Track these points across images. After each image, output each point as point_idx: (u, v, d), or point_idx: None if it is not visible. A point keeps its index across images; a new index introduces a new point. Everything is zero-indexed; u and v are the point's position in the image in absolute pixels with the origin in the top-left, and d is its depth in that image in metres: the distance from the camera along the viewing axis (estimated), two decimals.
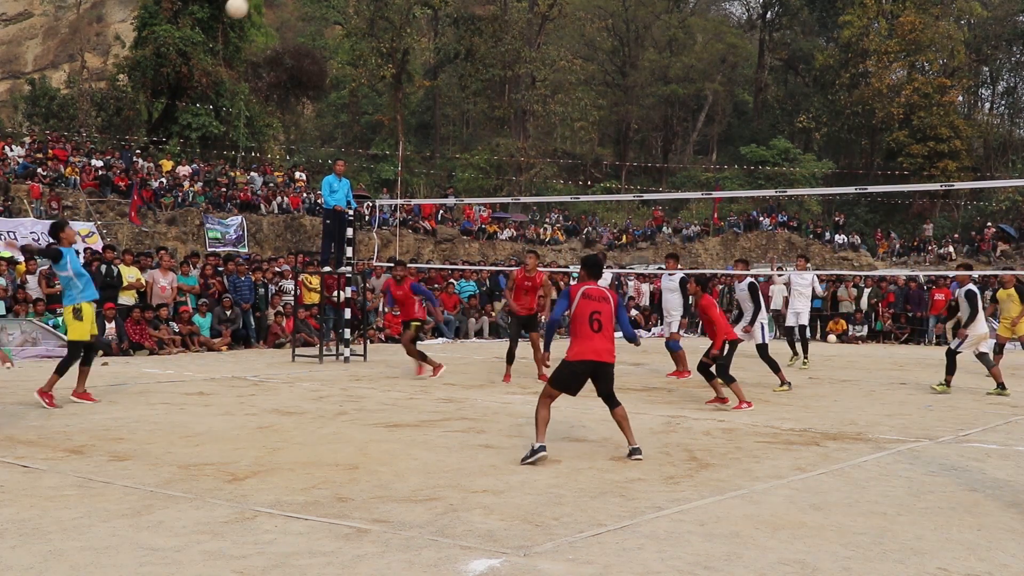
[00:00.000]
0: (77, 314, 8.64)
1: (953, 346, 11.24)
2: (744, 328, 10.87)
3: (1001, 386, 10.96)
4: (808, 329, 15.33)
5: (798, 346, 14.74)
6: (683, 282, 12.77)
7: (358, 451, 6.49)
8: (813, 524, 4.70)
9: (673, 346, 12.66)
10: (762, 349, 11.13)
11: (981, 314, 11.22)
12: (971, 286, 11.32)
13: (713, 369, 9.33)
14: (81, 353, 8.79)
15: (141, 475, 5.59)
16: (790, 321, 14.93)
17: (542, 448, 6.15)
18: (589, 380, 6.48)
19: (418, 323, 12.30)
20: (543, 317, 12.09)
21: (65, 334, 9.09)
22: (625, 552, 4.13)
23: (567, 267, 27.90)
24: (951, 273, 24.43)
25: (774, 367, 11.16)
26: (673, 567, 3.92)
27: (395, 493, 5.18)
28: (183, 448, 6.52)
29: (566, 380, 6.43)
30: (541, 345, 9.45)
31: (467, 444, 6.87)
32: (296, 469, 5.82)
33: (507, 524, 4.55)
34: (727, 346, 9.33)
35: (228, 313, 16.42)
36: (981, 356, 11.17)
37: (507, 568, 3.86)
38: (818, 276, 15.90)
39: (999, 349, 12.81)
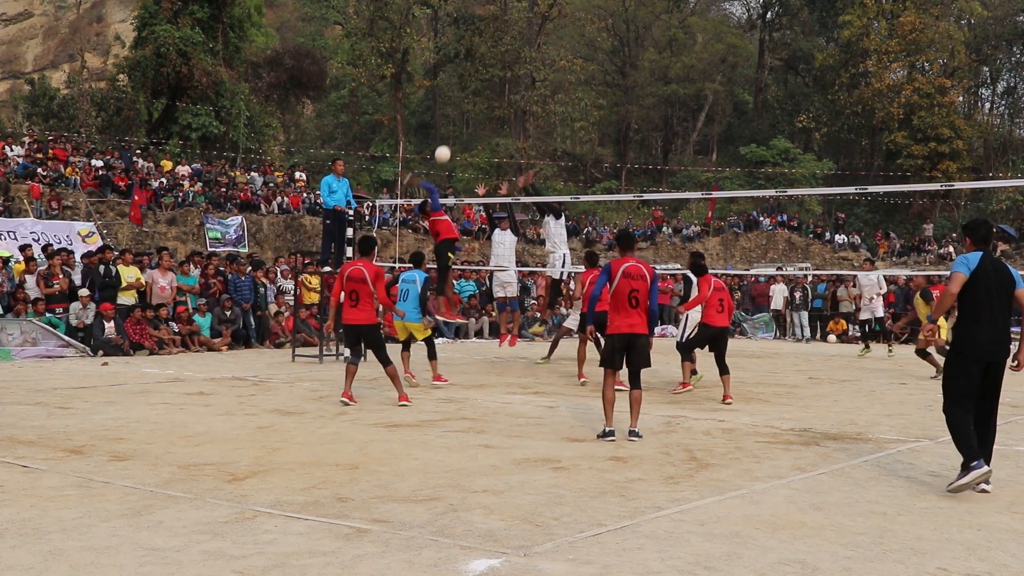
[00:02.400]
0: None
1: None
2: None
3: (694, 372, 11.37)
4: (882, 322, 17.83)
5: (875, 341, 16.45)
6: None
7: (358, 451, 6.49)
8: (813, 524, 4.70)
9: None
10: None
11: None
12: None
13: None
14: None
15: (141, 475, 5.59)
16: (864, 316, 16.98)
17: (611, 433, 7.15)
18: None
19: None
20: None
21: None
22: (625, 552, 4.13)
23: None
24: (948, 273, 24.49)
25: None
26: (673, 567, 3.92)
27: (395, 493, 5.18)
28: (183, 448, 6.52)
29: (609, 354, 7.33)
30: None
31: (467, 444, 6.87)
32: (296, 469, 5.82)
33: (507, 524, 4.55)
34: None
35: (228, 313, 16.42)
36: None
37: (507, 568, 3.86)
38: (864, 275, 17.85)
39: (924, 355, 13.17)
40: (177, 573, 3.74)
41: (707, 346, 10.39)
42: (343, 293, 9.17)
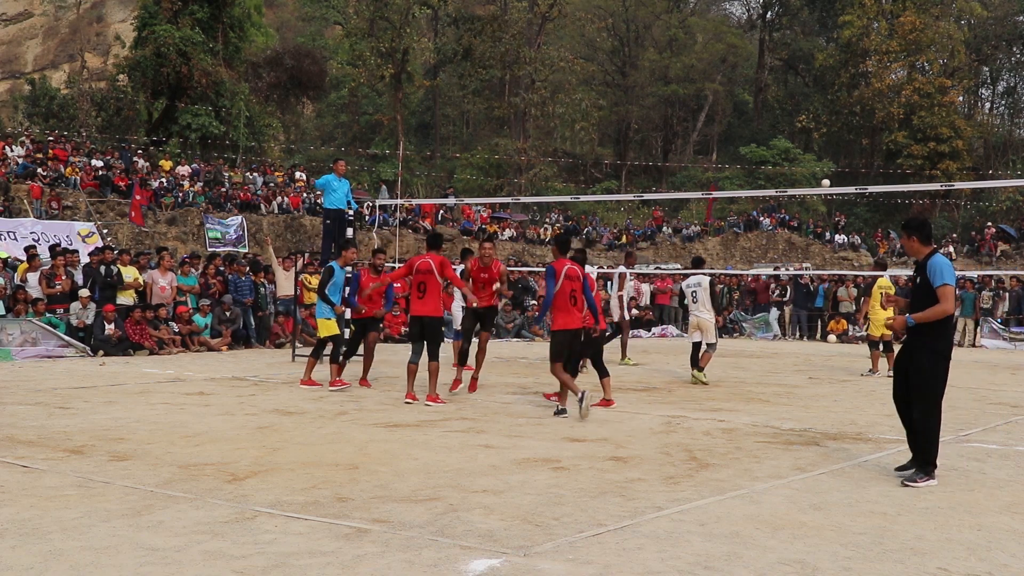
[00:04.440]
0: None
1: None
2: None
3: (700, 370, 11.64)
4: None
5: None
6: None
7: (358, 451, 6.49)
8: (813, 524, 4.70)
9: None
10: None
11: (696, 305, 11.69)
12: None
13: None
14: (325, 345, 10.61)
15: (141, 475, 5.59)
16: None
17: (564, 411, 8.38)
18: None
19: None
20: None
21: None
22: (625, 552, 4.13)
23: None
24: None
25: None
26: (673, 567, 3.92)
27: (395, 493, 5.18)
28: (183, 448, 6.52)
29: (558, 347, 8.35)
30: (488, 347, 10.65)
31: (467, 444, 6.87)
32: (296, 469, 5.82)
33: (507, 524, 4.55)
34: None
35: (228, 313, 16.42)
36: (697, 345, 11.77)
37: (507, 568, 3.86)
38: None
39: (887, 347, 13.35)
40: (177, 573, 3.74)
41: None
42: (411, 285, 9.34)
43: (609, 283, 24.63)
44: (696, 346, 11.76)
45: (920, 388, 5.86)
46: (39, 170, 24.28)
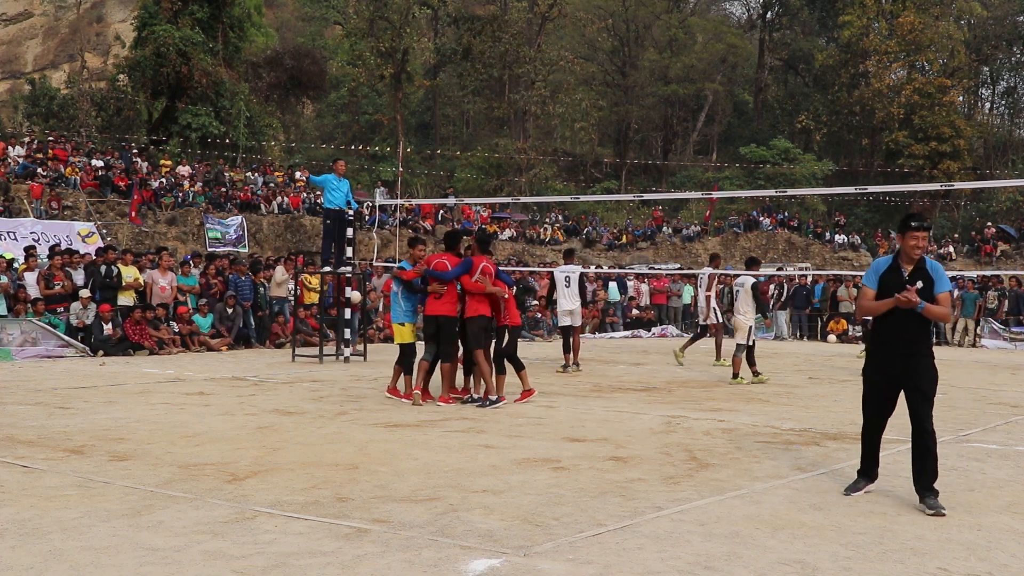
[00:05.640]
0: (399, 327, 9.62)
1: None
2: None
3: (736, 375, 11.94)
4: None
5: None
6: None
7: (358, 451, 6.49)
8: (813, 524, 4.70)
9: None
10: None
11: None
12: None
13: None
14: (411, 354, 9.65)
15: (141, 475, 5.59)
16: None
17: (497, 400, 9.03)
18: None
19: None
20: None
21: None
22: (625, 552, 4.13)
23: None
24: (950, 274, 24.50)
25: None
26: (673, 567, 3.92)
27: (395, 493, 5.19)
28: (183, 448, 6.52)
29: (478, 334, 8.99)
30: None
31: (467, 444, 6.87)
32: (296, 469, 5.82)
33: (507, 524, 4.55)
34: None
35: (230, 311, 16.42)
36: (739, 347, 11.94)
37: (507, 568, 3.86)
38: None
39: None
40: (177, 573, 3.74)
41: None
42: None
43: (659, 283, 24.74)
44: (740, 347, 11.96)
45: (931, 395, 5.43)
46: (39, 170, 24.27)
